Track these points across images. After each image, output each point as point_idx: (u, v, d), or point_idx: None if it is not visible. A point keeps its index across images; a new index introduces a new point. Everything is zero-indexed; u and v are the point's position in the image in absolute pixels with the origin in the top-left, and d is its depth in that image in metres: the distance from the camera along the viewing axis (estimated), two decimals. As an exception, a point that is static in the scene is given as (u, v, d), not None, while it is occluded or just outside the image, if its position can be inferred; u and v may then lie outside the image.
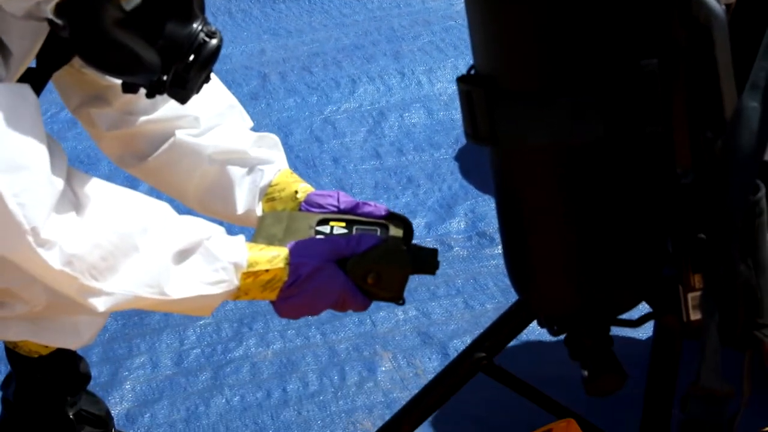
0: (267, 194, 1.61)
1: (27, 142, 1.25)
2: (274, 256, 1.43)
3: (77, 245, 1.29)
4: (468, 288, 2.22)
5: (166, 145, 1.59)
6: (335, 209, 1.57)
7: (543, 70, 1.32)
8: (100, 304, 1.33)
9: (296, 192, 1.60)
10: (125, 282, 1.34)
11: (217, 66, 3.13)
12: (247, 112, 2.86)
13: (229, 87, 2.83)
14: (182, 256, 1.38)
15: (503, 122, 1.35)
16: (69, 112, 2.31)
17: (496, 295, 2.18)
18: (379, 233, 1.51)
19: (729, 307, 1.26)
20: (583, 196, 1.37)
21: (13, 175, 1.24)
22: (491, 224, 2.38)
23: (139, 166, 1.62)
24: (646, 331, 1.67)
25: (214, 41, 1.38)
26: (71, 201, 1.31)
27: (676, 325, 1.44)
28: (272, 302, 1.45)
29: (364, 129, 2.78)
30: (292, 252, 1.44)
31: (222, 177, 1.60)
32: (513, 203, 1.44)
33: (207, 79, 1.43)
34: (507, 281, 1.51)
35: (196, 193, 1.62)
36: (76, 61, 1.48)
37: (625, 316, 1.47)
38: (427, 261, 1.52)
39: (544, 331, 1.52)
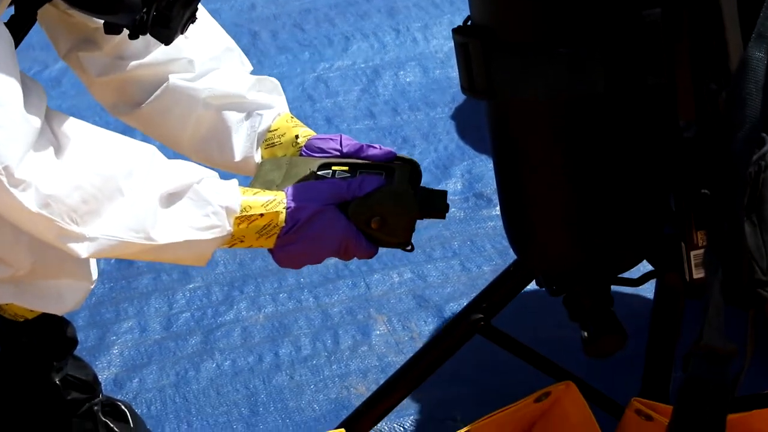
0: (266, 140, 1.54)
1: (1, 80, 1.20)
2: (269, 200, 1.36)
3: (55, 186, 1.24)
4: (465, 250, 2.18)
5: (159, 91, 1.52)
6: (338, 153, 1.50)
7: (541, 20, 1.28)
8: (83, 249, 1.27)
9: (296, 137, 1.53)
10: (109, 226, 1.28)
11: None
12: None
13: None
14: (170, 199, 1.32)
15: (500, 74, 1.31)
16: (52, 71, 2.28)
17: (494, 257, 2.14)
18: (384, 176, 1.43)
19: (733, 265, 1.22)
20: (583, 149, 1.34)
21: None
22: (488, 185, 2.34)
23: (133, 114, 1.55)
24: (647, 290, 1.63)
25: None
26: (50, 141, 1.26)
27: (679, 283, 1.41)
28: (270, 251, 1.39)
29: (358, 88, 2.73)
30: (290, 196, 1.37)
31: (218, 123, 1.54)
32: (510, 158, 1.40)
33: (192, 19, 1.37)
34: (505, 243, 1.48)
35: (192, 141, 1.55)
36: (60, 3, 1.40)
37: (626, 274, 1.45)
38: (435, 203, 1.45)
39: (542, 292, 1.49)
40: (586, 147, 1.34)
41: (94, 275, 1.56)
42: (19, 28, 1.37)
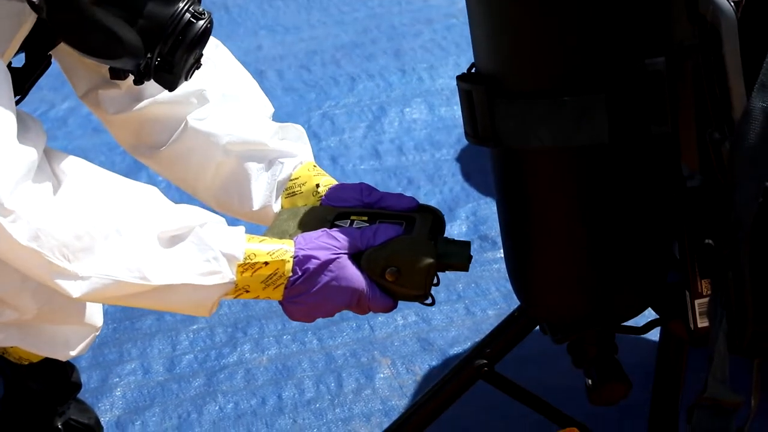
0: (287, 189, 1.49)
1: None
2: (275, 249, 1.30)
3: (46, 219, 1.21)
4: (469, 293, 2.17)
5: (177, 133, 1.50)
6: (358, 203, 1.45)
7: (546, 68, 1.28)
8: (74, 289, 1.23)
9: (317, 185, 1.48)
10: (103, 264, 1.23)
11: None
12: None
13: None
14: (171, 242, 1.28)
15: (505, 122, 1.31)
16: (59, 111, 2.26)
17: (498, 300, 2.14)
18: (403, 226, 1.37)
19: (737, 315, 1.21)
20: (588, 197, 1.34)
21: None
22: (493, 227, 2.34)
23: (153, 156, 1.53)
24: (651, 339, 1.62)
25: (200, 22, 1.30)
26: (48, 178, 1.24)
27: (683, 332, 1.40)
28: (281, 303, 1.33)
29: (364, 125, 2.74)
30: (298, 244, 1.31)
31: (238, 170, 1.49)
32: (515, 206, 1.40)
33: (197, 65, 1.36)
34: (509, 286, 1.47)
35: (211, 188, 1.52)
36: None
37: (630, 322, 1.44)
38: (456, 254, 1.36)
39: (547, 338, 1.48)
40: (590, 195, 1.34)
41: (100, 321, 1.56)
42: (32, 71, 1.38)
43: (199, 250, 1.27)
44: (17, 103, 1.30)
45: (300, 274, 1.30)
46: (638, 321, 1.44)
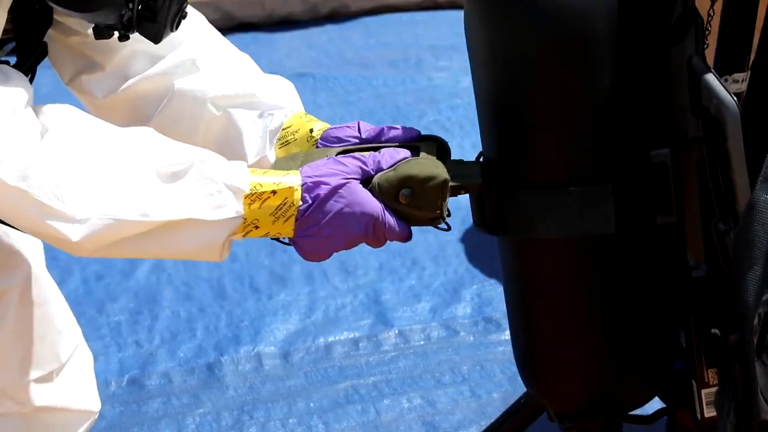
0: (279, 138, 1.41)
1: None
2: (282, 179, 1.21)
3: (35, 158, 1.13)
4: (474, 375, 2.17)
5: (166, 100, 1.43)
6: (357, 140, 1.36)
7: (553, 160, 1.30)
8: (72, 232, 1.15)
9: (311, 131, 1.39)
10: (100, 204, 1.15)
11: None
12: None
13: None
14: (171, 178, 1.19)
15: (513, 212, 1.33)
16: None
17: (504, 383, 2.14)
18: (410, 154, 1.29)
19: (744, 405, 1.21)
20: (594, 286, 1.35)
21: None
22: (498, 309, 2.34)
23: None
24: (659, 428, 1.62)
25: None
26: (34, 122, 1.17)
27: (690, 422, 1.40)
28: (292, 241, 1.23)
29: (368, 201, 2.76)
30: (306, 173, 1.22)
31: (228, 124, 1.42)
32: (522, 291, 1.41)
33: (182, 14, 1.30)
34: (515, 369, 1.47)
35: (204, 146, 1.38)
36: (61, 28, 1.40)
37: (638, 411, 1.44)
38: (468, 173, 1.29)
39: (554, 425, 1.48)
40: (597, 283, 1.35)
41: (98, 406, 1.56)
42: (27, 57, 1.34)
43: (202, 184, 1.19)
44: None
45: (310, 202, 1.21)
46: (646, 410, 1.44)
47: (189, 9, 1.43)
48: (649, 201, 1.30)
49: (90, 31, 1.33)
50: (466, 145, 2.95)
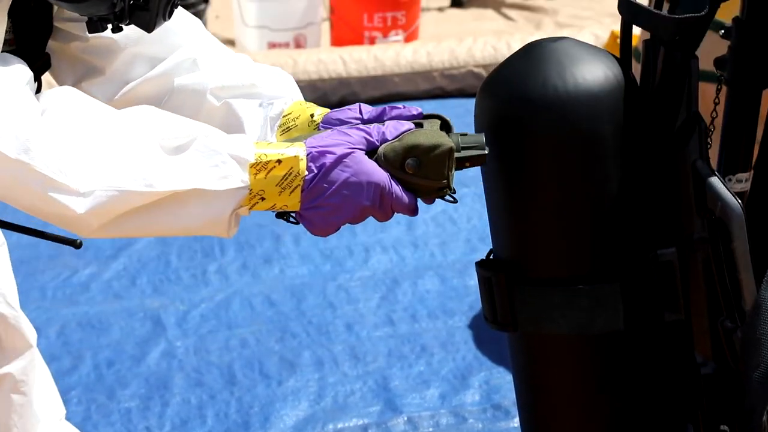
0: (281, 125, 1.39)
1: None
2: (286, 150, 1.20)
3: (36, 132, 1.12)
4: (483, 463, 2.18)
5: (166, 98, 1.43)
6: (359, 122, 1.34)
7: (562, 258, 1.33)
8: (78, 205, 1.13)
9: (312, 116, 1.38)
10: (104, 176, 1.14)
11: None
12: (260, 276, 2.85)
13: (241, 248, 2.89)
14: (174, 151, 1.18)
15: (523, 309, 1.35)
16: (81, 276, 2.26)
17: (513, 471, 2.15)
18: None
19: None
20: (603, 381, 1.37)
21: None
22: (506, 396, 2.36)
23: None
24: None
25: None
26: (34, 101, 1.17)
27: None
28: (299, 216, 1.22)
29: (378, 295, 2.79)
30: (310, 144, 1.21)
31: (229, 113, 1.40)
32: (531, 383, 1.43)
33: (174, 3, 1.28)
34: (524, 459, 1.48)
35: None
36: (61, 35, 1.41)
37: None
38: (473, 144, 1.27)
39: None
40: (606, 378, 1.37)
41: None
42: (30, 66, 1.33)
43: (206, 156, 1.18)
44: None
45: (316, 171, 1.20)
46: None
47: (186, 14, 1.47)
48: (657, 299, 1.33)
49: (89, 34, 1.33)
50: (473, 239, 2.98)
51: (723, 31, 1.39)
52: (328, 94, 3.75)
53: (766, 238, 1.37)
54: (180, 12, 1.43)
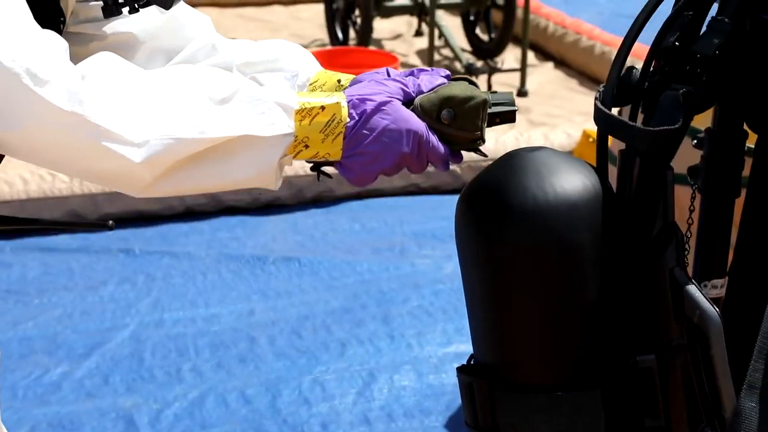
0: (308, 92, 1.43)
1: (19, 20, 1.15)
2: (327, 98, 1.25)
3: (86, 84, 1.14)
4: None
5: None
6: None
7: (542, 365, 1.34)
8: (134, 154, 1.15)
9: (339, 81, 1.42)
10: (157, 126, 1.17)
11: (205, 326, 3.13)
12: (235, 375, 2.84)
13: (217, 349, 2.88)
14: (221, 102, 1.21)
15: (504, 415, 1.35)
16: (53, 375, 2.22)
17: None
18: None
19: None
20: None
21: (7, 42, 1.13)
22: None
23: None
24: None
25: None
26: (81, 63, 1.19)
27: None
28: (340, 165, 1.26)
29: (354, 390, 2.77)
30: (349, 93, 1.26)
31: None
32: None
33: None
34: None
35: None
36: (79, 39, 1.44)
37: None
38: (503, 100, 1.36)
39: None
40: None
41: None
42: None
43: (252, 105, 1.22)
44: None
45: (357, 118, 1.25)
46: None
47: (195, 11, 1.52)
48: (638, 405, 1.33)
49: (104, 29, 1.40)
50: (450, 330, 2.98)
51: (695, 141, 1.42)
52: (304, 190, 3.78)
53: (742, 344, 1.39)
54: (189, 8, 1.49)
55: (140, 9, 1.32)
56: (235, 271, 3.33)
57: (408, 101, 1.30)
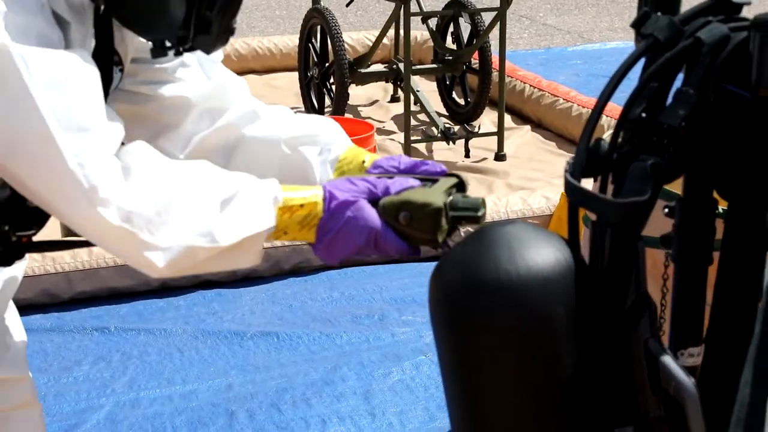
0: (336, 168, 1.68)
1: (88, 104, 1.39)
2: (308, 194, 1.49)
3: (132, 201, 1.39)
4: None
5: (238, 150, 1.71)
6: (395, 170, 1.61)
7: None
8: (159, 259, 1.41)
9: (363, 161, 1.67)
10: (179, 234, 1.42)
11: (182, 403, 3.08)
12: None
13: (194, 427, 2.83)
14: (226, 203, 1.45)
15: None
16: None
17: None
18: (423, 184, 1.50)
19: None
20: None
21: (75, 135, 1.36)
22: None
23: None
24: None
25: None
26: (123, 162, 1.42)
27: None
28: (312, 246, 1.50)
29: (335, 473, 2.73)
30: (326, 189, 1.49)
31: (300, 160, 1.69)
32: None
33: (230, 31, 1.54)
34: None
35: (280, 179, 1.62)
36: (137, 99, 1.67)
37: None
38: (468, 207, 1.48)
39: None
40: None
41: None
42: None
43: (249, 204, 1.46)
44: None
45: (327, 212, 1.48)
46: None
47: (231, 73, 1.77)
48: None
49: (161, 91, 1.67)
50: (432, 407, 2.94)
51: (667, 209, 1.42)
52: (281, 262, 3.76)
53: (720, 412, 1.37)
54: (227, 71, 1.76)
55: (184, 53, 1.53)
56: (213, 346, 3.29)
57: (375, 200, 1.48)
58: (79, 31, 1.49)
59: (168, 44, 1.51)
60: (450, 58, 5.34)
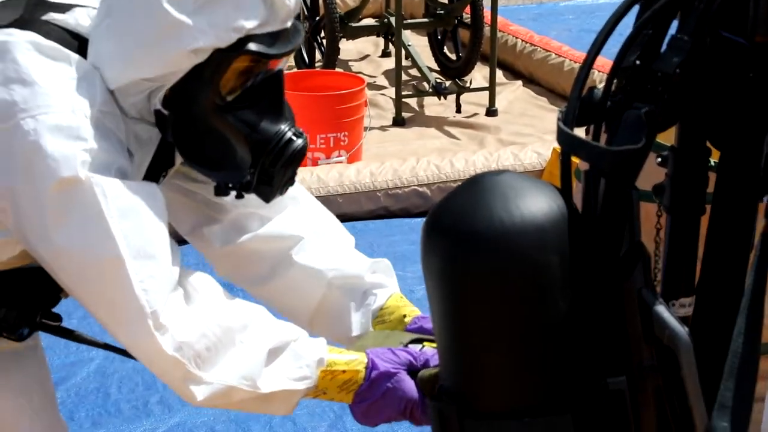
0: (377, 317, 1.73)
1: (156, 234, 1.46)
2: (352, 359, 1.56)
3: (187, 333, 1.45)
4: None
5: (283, 269, 1.73)
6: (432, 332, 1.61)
7: (511, 391, 1.32)
8: (200, 392, 1.47)
9: (404, 316, 1.72)
10: (224, 373, 1.48)
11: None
12: (204, 410, 2.80)
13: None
14: (273, 354, 1.52)
15: (473, 441, 1.34)
16: None
17: None
18: None
19: None
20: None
21: (142, 262, 1.44)
22: None
23: (261, 288, 1.74)
24: None
25: (300, 140, 1.54)
26: (182, 292, 1.48)
27: None
28: (350, 407, 1.56)
29: (325, 424, 2.73)
30: (369, 357, 1.56)
31: (341, 301, 1.73)
32: None
33: (291, 181, 1.59)
34: None
35: (314, 316, 1.74)
36: (185, 192, 1.71)
37: None
38: None
39: None
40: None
41: None
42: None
43: (294, 359, 1.53)
44: None
45: (368, 380, 1.55)
46: None
47: (296, 186, 1.77)
48: (609, 428, 1.32)
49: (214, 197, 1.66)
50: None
51: (659, 159, 1.41)
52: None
53: (712, 364, 1.38)
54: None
55: (245, 196, 1.58)
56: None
57: (415, 371, 1.57)
58: (142, 159, 1.57)
59: (231, 185, 1.57)
60: (441, 12, 5.30)
